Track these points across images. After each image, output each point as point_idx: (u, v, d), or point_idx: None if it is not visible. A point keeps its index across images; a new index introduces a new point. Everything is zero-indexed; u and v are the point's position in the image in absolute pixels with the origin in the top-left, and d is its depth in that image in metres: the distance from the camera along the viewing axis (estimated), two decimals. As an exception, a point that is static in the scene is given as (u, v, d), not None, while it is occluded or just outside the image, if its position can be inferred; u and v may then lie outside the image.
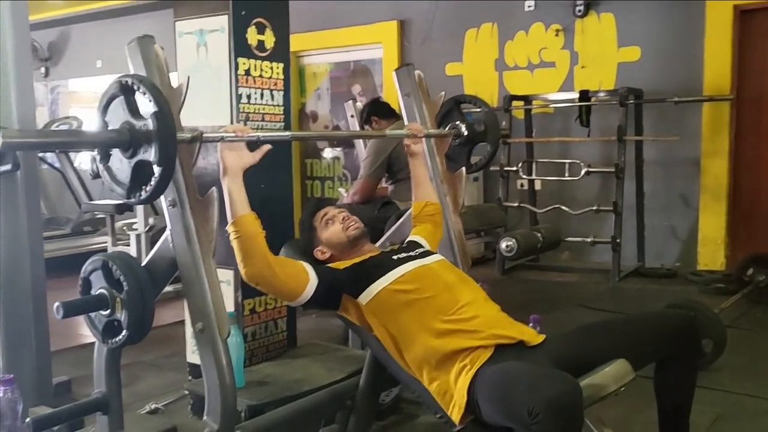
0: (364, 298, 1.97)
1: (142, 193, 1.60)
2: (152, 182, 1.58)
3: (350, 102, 4.65)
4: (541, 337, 1.92)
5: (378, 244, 2.77)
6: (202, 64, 2.47)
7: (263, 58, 2.51)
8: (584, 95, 5.03)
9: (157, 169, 1.54)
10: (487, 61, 5.89)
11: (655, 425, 2.01)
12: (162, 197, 1.83)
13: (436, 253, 2.21)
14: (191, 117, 2.48)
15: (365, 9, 6.38)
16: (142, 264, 1.89)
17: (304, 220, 2.27)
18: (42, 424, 1.94)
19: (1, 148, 1.41)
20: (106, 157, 1.67)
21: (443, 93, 2.68)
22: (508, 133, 5.22)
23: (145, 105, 1.59)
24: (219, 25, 2.41)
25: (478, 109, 2.73)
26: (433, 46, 6.14)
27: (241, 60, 2.43)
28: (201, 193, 1.84)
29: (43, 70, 9.23)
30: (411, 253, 2.11)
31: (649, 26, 5.19)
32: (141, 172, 1.60)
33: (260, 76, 2.50)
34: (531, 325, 2.98)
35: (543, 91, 5.57)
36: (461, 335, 1.86)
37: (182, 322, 3.59)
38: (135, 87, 1.58)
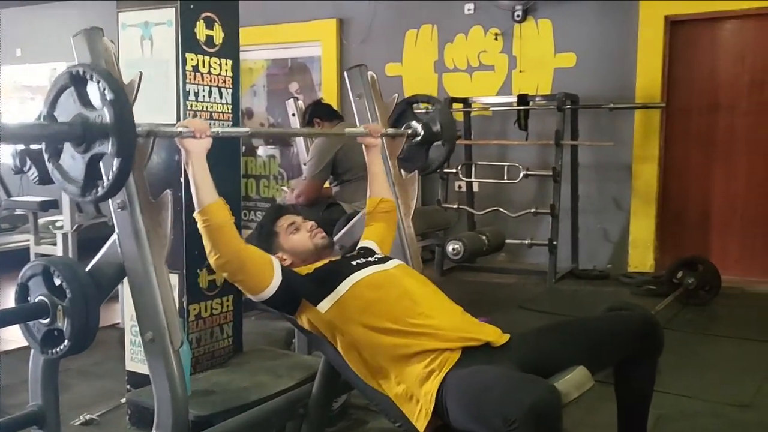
0: (324, 305, 1.92)
1: (98, 189, 1.52)
2: (110, 177, 1.49)
3: (291, 101, 4.57)
4: (506, 337, 1.91)
5: (337, 237, 2.73)
6: (147, 59, 2.35)
7: (212, 54, 2.41)
8: (523, 99, 5.10)
9: (115, 162, 1.45)
10: (427, 63, 5.90)
11: (606, 427, 2.03)
12: (110, 199, 1.74)
13: (393, 258, 2.18)
14: (136, 115, 2.38)
15: (304, 6, 6.30)
16: (86, 269, 1.78)
17: (264, 224, 2.21)
18: (-27, 440, 1.81)
19: None
20: (56, 155, 1.57)
21: (396, 95, 2.66)
22: (460, 134, 5.24)
23: (98, 96, 1.50)
24: (165, 17, 2.31)
25: (425, 110, 2.72)
26: (372, 46, 6.10)
27: (189, 56, 2.33)
28: (153, 195, 1.75)
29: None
30: (369, 259, 2.08)
31: (585, 33, 5.31)
32: (96, 168, 1.52)
33: (209, 72, 2.41)
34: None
35: (482, 94, 5.62)
36: (426, 338, 1.83)
37: (115, 326, 3.45)
38: (87, 77, 1.49)
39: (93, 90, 1.53)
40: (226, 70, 2.48)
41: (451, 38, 5.81)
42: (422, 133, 2.60)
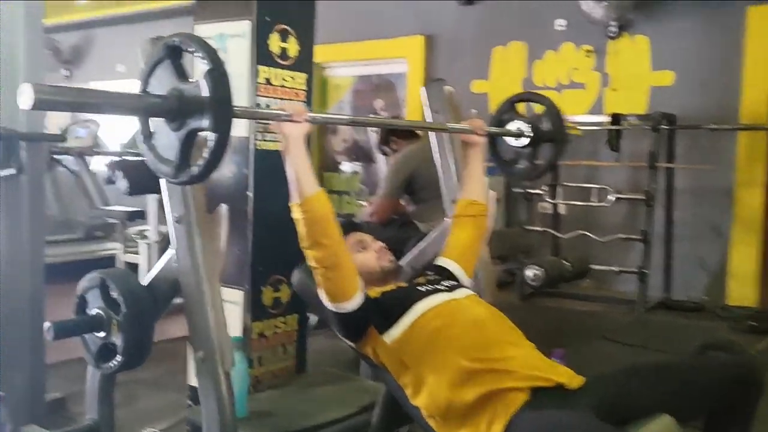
0: (390, 335, 1.81)
1: (194, 168, 1.38)
2: (205, 154, 1.34)
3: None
4: (581, 380, 1.74)
5: (405, 260, 2.62)
6: (220, 71, 2.33)
7: (285, 67, 2.37)
8: (616, 119, 4.85)
9: (211, 137, 1.33)
10: (515, 80, 5.73)
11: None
12: (168, 211, 1.70)
13: (466, 286, 2.04)
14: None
15: (391, 23, 6.26)
16: (144, 282, 1.75)
17: None
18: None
19: (34, 104, 1.20)
20: (148, 135, 1.45)
21: (475, 111, 2.53)
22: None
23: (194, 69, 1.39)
24: (241, 30, 2.28)
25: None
26: (458, 63, 5.99)
27: (261, 68, 2.29)
28: (210, 209, 1.70)
29: (65, 72, 9.20)
30: (438, 286, 1.95)
31: (685, 50, 5.01)
32: (190, 146, 1.39)
33: (282, 85, 2.36)
34: (554, 360, 2.81)
35: (571, 113, 5.39)
36: (492, 376, 1.69)
37: (186, 339, 3.44)
38: (184, 47, 1.37)
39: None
40: (300, 84, 2.43)
41: (540, 55, 5.63)
42: (531, 134, 2.37)
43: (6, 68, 2.36)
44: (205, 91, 1.33)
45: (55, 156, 7.08)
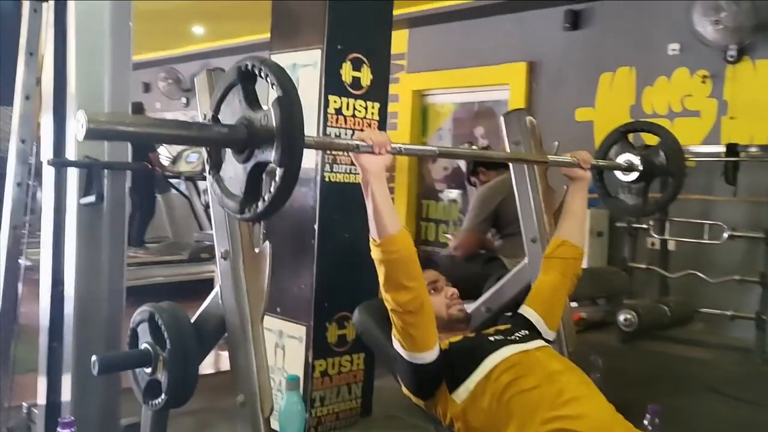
0: (460, 394, 1.67)
1: (258, 204, 1.27)
2: (271, 189, 1.24)
3: (465, 145, 4.38)
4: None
5: (473, 306, 2.48)
6: (293, 101, 2.30)
7: (358, 97, 2.30)
8: (732, 149, 4.48)
9: (278, 172, 1.22)
10: (622, 108, 5.43)
11: None
12: (215, 246, 1.65)
13: (541, 338, 1.87)
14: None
15: (494, 49, 6.12)
16: (192, 319, 1.71)
17: None
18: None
19: (86, 133, 1.15)
20: (217, 165, 1.37)
21: (557, 143, 2.36)
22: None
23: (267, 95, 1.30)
24: (312, 59, 2.24)
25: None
26: (562, 90, 5.76)
27: (332, 97, 2.24)
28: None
29: (184, 100, 9.64)
30: (510, 337, 1.80)
31: (814, 75, 4.57)
32: (258, 180, 1.30)
33: (353, 115, 2.30)
34: (648, 418, 2.56)
35: (685, 143, 5.01)
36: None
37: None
38: (256, 71, 1.28)
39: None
40: (373, 113, 2.36)
41: (651, 81, 5.31)
42: (641, 168, 2.20)
43: (90, 97, 2.42)
44: (274, 121, 1.24)
45: (170, 180, 7.46)
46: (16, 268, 2.55)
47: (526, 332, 1.84)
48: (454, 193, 6.67)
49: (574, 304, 3.74)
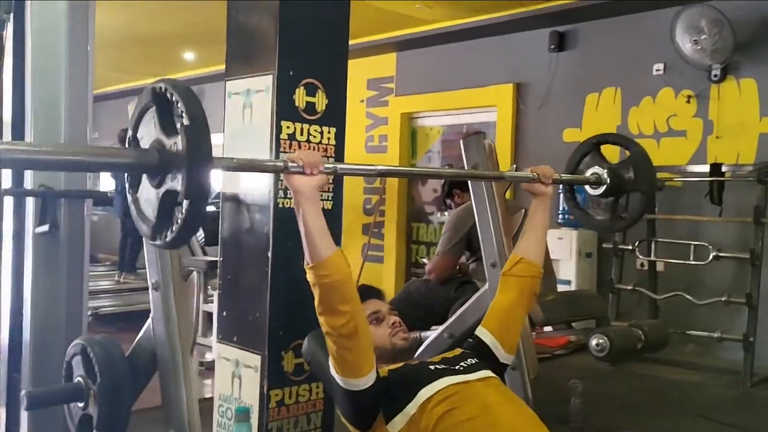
0: (396, 425, 1.62)
1: (168, 233, 1.25)
2: (178, 220, 1.22)
3: (446, 167, 4.35)
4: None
5: (435, 333, 2.43)
6: (247, 127, 2.27)
7: (312, 122, 2.27)
8: (716, 169, 4.43)
9: (184, 204, 1.20)
10: (608, 128, 5.37)
11: None
12: (148, 277, 1.61)
13: (490, 367, 1.82)
14: (233, 182, 2.30)
15: (481, 71, 6.12)
16: (127, 353, 1.67)
17: None
18: None
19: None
20: (134, 186, 1.34)
21: (515, 165, 2.33)
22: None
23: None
24: (264, 85, 2.21)
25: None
26: (550, 111, 5.74)
27: (285, 123, 2.20)
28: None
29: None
30: (454, 366, 1.75)
31: (799, 94, 4.53)
32: (170, 206, 1.26)
33: (308, 140, 2.27)
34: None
35: (671, 163, 4.99)
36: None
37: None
38: (169, 95, 1.25)
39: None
40: (329, 138, 2.32)
41: (636, 101, 5.28)
42: (608, 181, 2.14)
43: (46, 124, 2.41)
44: (182, 148, 1.21)
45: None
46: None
47: (474, 361, 1.79)
48: (444, 216, 6.63)
49: (549, 329, 3.69)
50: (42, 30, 2.42)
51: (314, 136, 2.29)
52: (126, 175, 1.36)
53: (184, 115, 1.20)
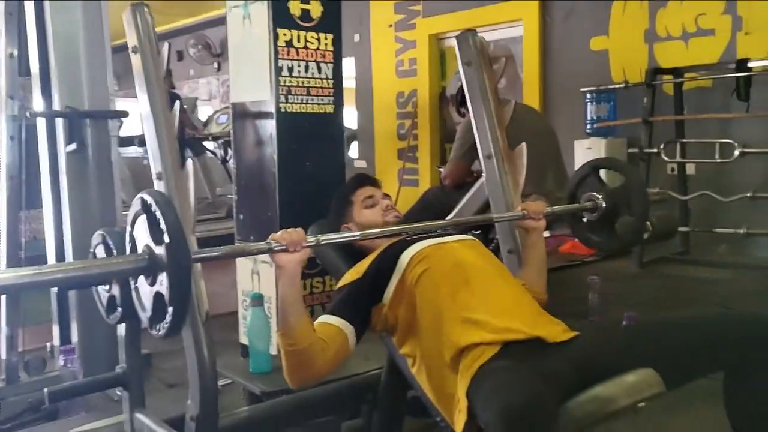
0: (387, 297, 1.72)
1: (161, 327, 1.39)
2: (167, 320, 1.36)
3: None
4: (569, 335, 1.62)
5: (440, 223, 2.55)
6: (247, 38, 2.40)
7: (309, 29, 2.38)
8: (742, 64, 4.35)
9: (169, 310, 1.34)
10: (636, 34, 5.31)
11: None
12: (152, 169, 1.78)
13: (469, 236, 1.95)
14: (238, 93, 2.44)
15: (505, -15, 6.06)
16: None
17: (343, 191, 2.10)
18: (59, 395, 1.96)
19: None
20: (135, 278, 1.47)
21: (504, 58, 2.39)
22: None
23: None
24: (260, -5, 2.33)
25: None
26: (576, 21, 5.66)
27: (281, 31, 2.32)
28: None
29: (215, 65, 9.85)
30: (431, 235, 1.88)
31: (831, -20, 4.37)
32: (161, 303, 1.38)
33: (305, 47, 2.38)
34: (624, 323, 2.61)
35: (700, 62, 4.91)
36: (466, 328, 1.59)
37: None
38: (153, 208, 1.35)
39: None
40: (326, 45, 2.43)
41: (663, 3, 5.17)
42: (605, 206, 2.12)
43: (67, 52, 2.58)
44: (165, 260, 1.32)
45: (204, 142, 7.70)
46: (16, 218, 2.77)
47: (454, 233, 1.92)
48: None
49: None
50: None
51: (311, 43, 2.40)
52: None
53: (164, 232, 1.31)
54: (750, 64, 4.37)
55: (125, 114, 2.69)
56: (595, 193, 2.16)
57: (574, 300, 3.68)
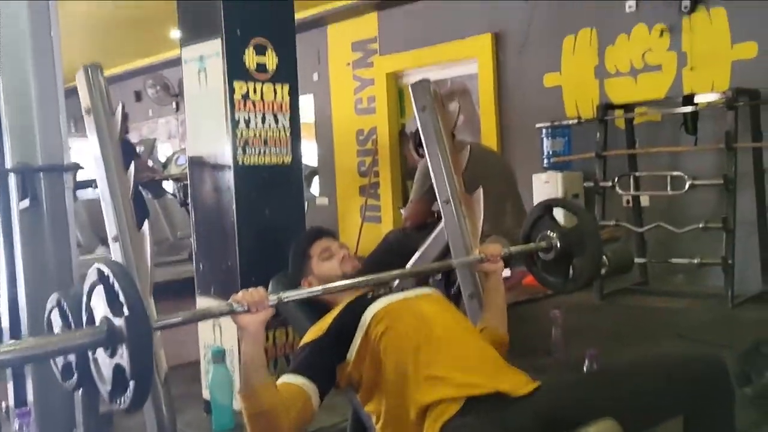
0: (351, 355, 1.72)
1: (123, 401, 1.34)
2: (128, 394, 1.32)
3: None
4: (531, 387, 1.63)
5: (401, 271, 2.57)
6: (203, 91, 2.41)
7: (265, 81, 2.40)
8: (688, 100, 4.50)
9: (131, 385, 1.30)
10: (587, 69, 5.46)
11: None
12: (107, 231, 1.76)
13: (430, 288, 1.96)
14: (195, 145, 2.44)
15: (460, 23, 6.17)
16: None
17: (299, 245, 2.10)
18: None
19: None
20: (93, 349, 1.41)
21: (458, 104, 2.44)
22: (619, 235, 4.70)
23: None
24: (214, 49, 2.34)
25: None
26: (529, 58, 5.80)
27: (237, 83, 2.34)
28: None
29: (174, 105, 9.79)
30: (391, 290, 1.89)
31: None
32: (122, 376, 1.34)
33: (261, 99, 2.40)
34: (587, 361, 2.64)
35: (649, 97, 5.07)
36: (430, 384, 1.60)
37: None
38: (110, 279, 1.32)
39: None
40: (282, 95, 2.45)
41: (612, 40, 5.33)
42: (558, 247, 2.16)
43: (18, 106, 2.54)
44: (125, 334, 1.29)
45: (164, 183, 7.63)
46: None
47: (415, 286, 1.93)
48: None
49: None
50: (6, 24, 2.51)
51: (267, 94, 2.42)
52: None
53: (123, 305, 1.28)
54: (696, 100, 4.52)
55: (80, 167, 2.65)
56: (549, 232, 2.19)
57: (537, 335, 3.72)
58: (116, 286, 1.30)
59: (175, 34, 7.91)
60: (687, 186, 4.36)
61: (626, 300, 4.75)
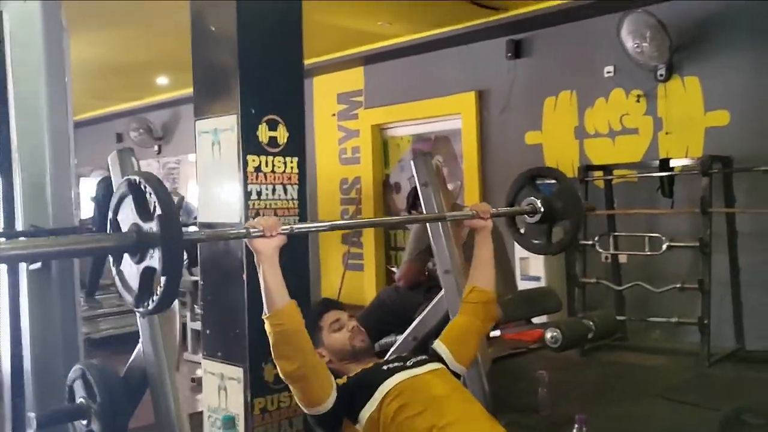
0: (362, 423, 1.85)
1: (150, 303, 1.44)
2: (158, 292, 1.41)
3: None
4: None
5: (402, 337, 2.67)
6: (217, 162, 2.51)
7: (275, 154, 2.51)
8: (664, 164, 4.71)
9: (162, 279, 1.39)
10: (567, 129, 5.69)
11: None
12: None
13: (434, 361, 2.06)
14: (207, 213, 2.52)
15: (445, 81, 6.39)
16: (121, 374, 1.89)
17: (311, 318, 2.20)
18: None
19: None
20: (118, 260, 1.53)
21: (459, 183, 2.58)
22: (593, 206, 4.90)
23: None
24: (230, 124, 2.45)
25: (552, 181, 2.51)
26: (511, 116, 6.02)
27: (251, 157, 2.45)
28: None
29: (156, 147, 9.84)
30: (406, 363, 1.99)
31: (739, 87, 4.83)
32: (149, 279, 1.45)
33: (272, 171, 2.50)
34: (576, 425, 2.74)
35: (626, 159, 5.28)
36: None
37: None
38: (142, 187, 1.43)
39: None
40: (292, 167, 2.56)
41: (591, 103, 5.57)
42: (543, 210, 2.35)
43: (31, 171, 2.61)
44: (157, 234, 1.39)
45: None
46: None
47: (424, 357, 2.04)
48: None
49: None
50: (21, 65, 2.58)
51: (278, 167, 2.53)
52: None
53: (156, 206, 1.39)
54: (672, 164, 4.73)
55: (91, 230, 2.72)
56: (533, 198, 2.35)
57: (523, 392, 3.82)
58: (148, 189, 1.39)
59: (162, 80, 8.07)
60: (664, 247, 4.54)
61: (607, 356, 4.87)
